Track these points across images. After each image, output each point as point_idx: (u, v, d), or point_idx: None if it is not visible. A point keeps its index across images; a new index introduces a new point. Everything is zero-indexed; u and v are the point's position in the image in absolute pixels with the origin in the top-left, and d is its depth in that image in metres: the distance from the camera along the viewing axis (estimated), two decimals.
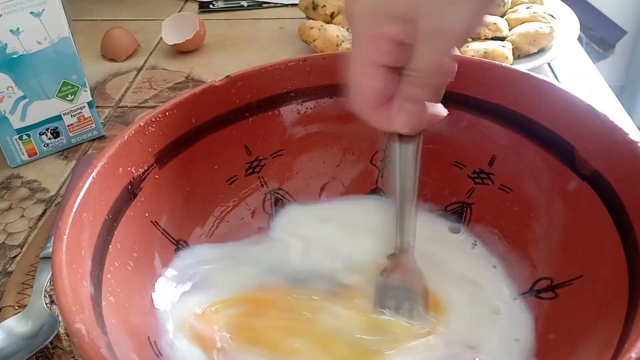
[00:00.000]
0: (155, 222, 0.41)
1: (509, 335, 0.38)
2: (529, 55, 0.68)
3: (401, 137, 0.35)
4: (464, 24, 0.29)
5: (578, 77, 0.71)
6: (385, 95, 0.33)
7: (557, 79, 0.70)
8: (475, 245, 0.44)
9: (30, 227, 0.53)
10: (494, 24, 0.68)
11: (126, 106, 0.70)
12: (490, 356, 0.36)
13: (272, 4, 0.92)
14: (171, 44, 0.78)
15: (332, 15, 0.76)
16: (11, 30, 0.54)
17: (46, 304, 0.44)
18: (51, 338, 0.41)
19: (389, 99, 0.33)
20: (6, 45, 0.55)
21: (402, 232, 0.38)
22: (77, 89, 0.61)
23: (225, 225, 0.45)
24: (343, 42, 0.70)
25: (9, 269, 0.49)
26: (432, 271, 0.40)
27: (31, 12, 0.55)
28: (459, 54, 0.62)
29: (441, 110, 0.35)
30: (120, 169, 0.39)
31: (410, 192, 0.36)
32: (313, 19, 0.76)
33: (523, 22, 0.70)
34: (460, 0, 0.29)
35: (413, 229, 0.38)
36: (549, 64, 0.72)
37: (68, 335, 0.42)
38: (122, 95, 0.72)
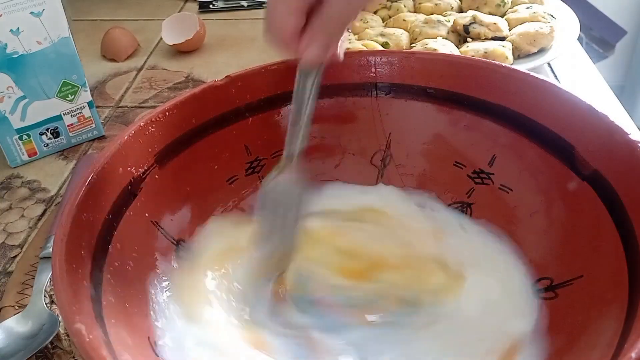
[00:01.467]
0: (155, 222, 0.41)
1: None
2: (529, 55, 0.68)
3: (303, 72, 0.40)
4: None
5: (578, 77, 0.71)
6: (298, 30, 0.37)
7: (557, 79, 0.70)
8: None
9: (30, 227, 0.53)
10: (494, 24, 0.68)
11: (126, 106, 0.70)
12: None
13: None
14: (171, 44, 0.78)
15: None
16: (11, 30, 0.54)
17: (46, 304, 0.44)
18: (51, 338, 0.41)
19: (299, 33, 0.38)
20: (6, 45, 0.55)
21: (289, 143, 0.41)
22: (77, 89, 0.61)
23: (226, 226, 0.45)
24: (343, 42, 0.70)
25: (9, 269, 0.49)
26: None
27: (31, 12, 0.55)
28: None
29: (340, 52, 0.42)
30: (120, 169, 0.39)
31: (301, 113, 0.41)
32: None
33: (523, 22, 0.70)
34: None
35: (300, 144, 0.41)
36: (549, 64, 0.72)
37: (68, 335, 0.42)
38: (122, 95, 0.72)
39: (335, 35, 0.39)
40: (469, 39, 0.69)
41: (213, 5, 0.93)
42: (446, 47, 0.66)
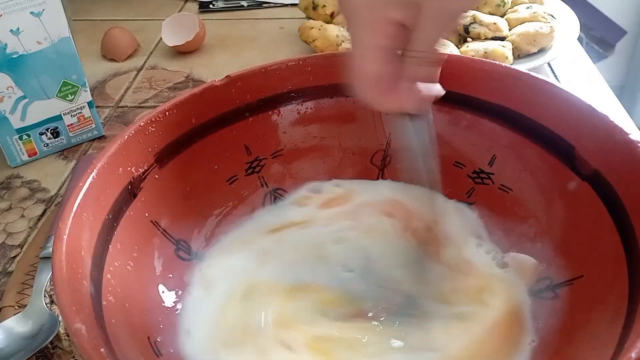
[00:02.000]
0: (155, 222, 0.41)
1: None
2: (529, 55, 0.68)
3: (412, 116, 0.36)
4: (464, 6, 0.33)
5: (578, 77, 0.71)
6: (393, 78, 0.34)
7: (557, 79, 0.70)
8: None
9: (30, 227, 0.53)
10: (494, 24, 0.68)
11: (126, 106, 0.70)
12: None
13: (272, 4, 0.92)
14: (171, 45, 0.78)
15: (332, 15, 0.76)
16: (11, 30, 0.54)
17: (46, 304, 0.44)
18: (51, 338, 0.41)
19: (395, 82, 0.34)
20: (6, 45, 0.55)
21: (434, 207, 0.39)
22: (77, 89, 0.61)
23: (226, 225, 0.45)
24: (343, 42, 0.70)
25: (9, 269, 0.49)
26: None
27: (31, 12, 0.55)
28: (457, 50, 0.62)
29: (440, 88, 0.37)
30: (120, 169, 0.39)
31: (432, 165, 0.37)
32: (313, 19, 0.76)
33: (523, 22, 0.70)
34: None
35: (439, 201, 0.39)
36: (549, 64, 0.72)
37: (68, 335, 0.42)
38: (122, 95, 0.72)
39: (429, 73, 0.35)
40: (469, 39, 0.69)
41: (213, 5, 0.93)
42: (446, 47, 0.66)
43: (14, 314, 0.43)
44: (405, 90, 0.34)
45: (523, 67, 0.59)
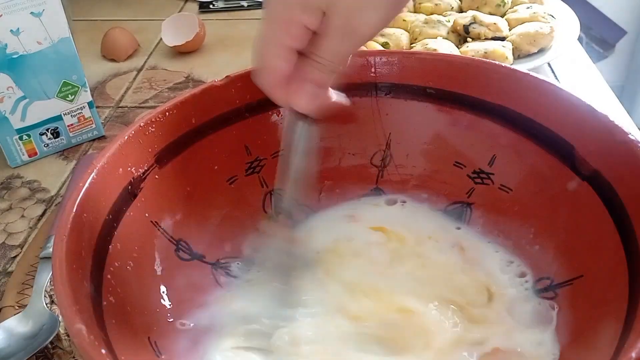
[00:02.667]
0: (155, 222, 0.41)
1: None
2: (529, 55, 0.68)
3: (299, 116, 0.38)
4: (372, 28, 0.33)
5: (578, 77, 0.71)
6: (289, 75, 0.35)
7: (557, 79, 0.70)
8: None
9: (30, 227, 0.53)
10: (494, 24, 0.68)
11: (126, 106, 0.70)
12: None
13: None
14: (171, 45, 0.78)
15: None
16: (11, 31, 0.54)
17: (46, 304, 0.44)
18: (51, 338, 0.41)
19: (290, 78, 0.35)
20: (6, 45, 0.55)
21: (276, 200, 0.40)
22: (77, 89, 0.61)
23: (226, 225, 0.45)
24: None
25: (9, 269, 0.49)
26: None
27: (31, 12, 0.55)
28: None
29: (344, 99, 0.39)
30: (120, 169, 0.39)
31: (298, 164, 0.38)
32: None
33: (523, 22, 0.70)
34: (370, 6, 0.32)
35: (294, 197, 0.40)
36: (549, 64, 0.72)
37: (68, 335, 0.42)
38: (122, 96, 0.72)
39: (326, 80, 0.36)
40: (469, 39, 0.69)
41: (213, 5, 0.93)
42: (446, 47, 0.66)
43: (14, 314, 0.43)
44: (297, 89, 0.36)
45: (523, 67, 0.59)
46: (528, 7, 0.73)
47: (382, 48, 0.67)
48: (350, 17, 0.32)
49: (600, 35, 1.71)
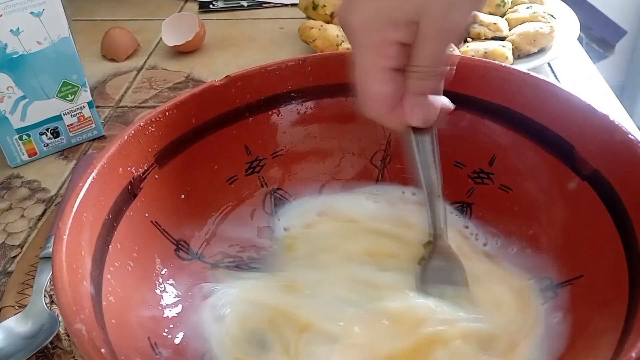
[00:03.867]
0: (155, 222, 0.41)
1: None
2: (529, 55, 0.68)
3: (416, 130, 0.37)
4: (464, 21, 0.33)
5: (578, 77, 0.71)
6: (398, 97, 0.34)
7: (557, 79, 0.70)
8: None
9: (30, 227, 0.53)
10: (494, 24, 0.68)
11: (126, 106, 0.70)
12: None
13: (272, 4, 0.92)
14: (171, 45, 0.78)
15: (332, 15, 0.76)
16: (11, 30, 0.54)
17: (46, 304, 0.44)
18: (51, 338, 0.41)
19: (398, 99, 0.35)
20: (6, 45, 0.55)
21: (434, 219, 0.39)
22: (77, 89, 0.61)
23: (226, 225, 0.45)
24: (343, 42, 0.70)
25: (9, 269, 0.49)
26: None
27: (31, 12, 0.55)
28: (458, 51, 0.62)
29: (448, 102, 0.38)
30: (120, 169, 0.39)
31: (434, 180, 0.38)
32: (313, 19, 0.76)
33: (523, 22, 0.70)
34: (460, 1, 0.32)
35: (444, 215, 0.39)
36: (549, 64, 0.72)
37: (68, 335, 0.42)
38: (122, 95, 0.72)
39: (438, 83, 0.35)
40: (469, 39, 0.69)
41: (213, 5, 0.93)
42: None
43: (14, 314, 0.43)
44: (410, 106, 0.35)
45: (523, 67, 0.59)
46: (528, 7, 0.73)
47: None
48: (445, 16, 0.32)
49: (600, 35, 1.71)
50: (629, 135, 0.36)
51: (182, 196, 0.43)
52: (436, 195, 0.38)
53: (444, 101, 0.37)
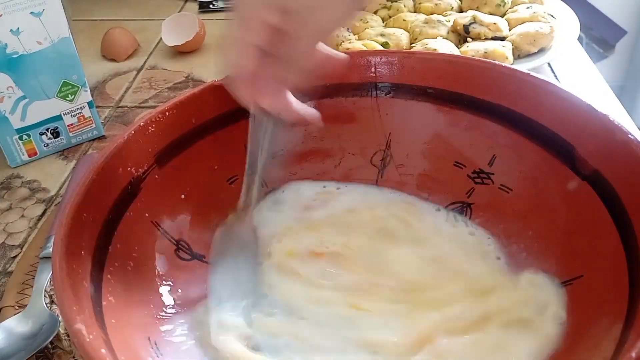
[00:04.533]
0: (155, 222, 0.41)
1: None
2: (529, 55, 0.68)
3: (265, 114, 0.39)
4: (330, 25, 0.35)
5: (578, 77, 0.71)
6: (255, 73, 0.36)
7: (557, 79, 0.70)
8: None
9: (30, 227, 0.53)
10: (494, 24, 0.68)
11: (126, 106, 0.70)
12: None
13: None
14: (171, 45, 0.78)
15: None
16: (11, 30, 0.54)
17: (46, 304, 0.44)
18: (51, 338, 0.41)
19: (256, 76, 0.36)
20: (6, 45, 0.55)
21: (246, 191, 0.41)
22: (77, 89, 0.61)
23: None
24: (343, 42, 0.70)
25: (9, 269, 0.49)
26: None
27: (31, 12, 0.55)
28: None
29: (315, 115, 0.41)
30: (120, 169, 0.39)
31: (256, 157, 0.40)
32: None
33: (523, 22, 0.70)
34: (328, 5, 0.33)
35: (256, 191, 0.41)
36: (549, 64, 0.72)
37: (68, 335, 0.42)
38: (122, 95, 0.72)
39: (290, 78, 0.37)
40: (469, 39, 0.69)
41: (213, 5, 0.93)
42: (446, 47, 0.66)
43: (14, 314, 0.43)
44: (264, 89, 0.37)
45: (523, 67, 0.59)
46: (528, 7, 0.73)
47: (382, 48, 0.67)
48: (308, 15, 0.33)
49: (600, 35, 1.71)
50: (629, 135, 0.36)
51: (182, 196, 0.43)
52: (255, 172, 0.40)
53: (310, 112, 0.40)
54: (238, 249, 0.42)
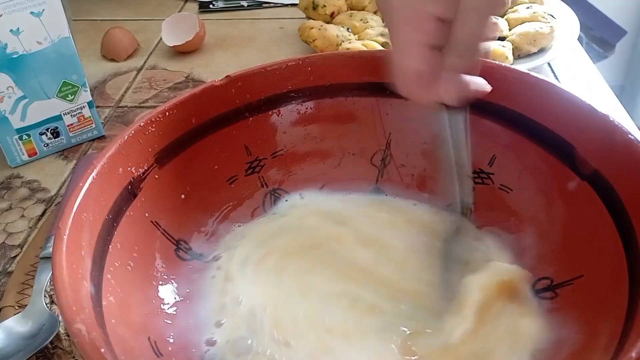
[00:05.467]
0: (155, 222, 0.41)
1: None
2: (529, 55, 0.68)
3: (449, 109, 0.37)
4: (493, 2, 0.33)
5: (578, 77, 0.71)
6: (433, 74, 0.35)
7: (557, 79, 0.70)
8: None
9: (30, 227, 0.53)
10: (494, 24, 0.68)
11: (126, 106, 0.70)
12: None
13: (272, 4, 0.92)
14: (171, 45, 0.78)
15: (332, 15, 0.76)
16: (11, 30, 0.54)
17: (46, 304, 0.44)
18: (51, 338, 0.41)
19: (432, 76, 0.35)
20: (6, 45, 0.55)
21: (462, 196, 0.39)
22: (77, 89, 0.61)
23: (226, 225, 0.45)
24: (343, 42, 0.70)
25: (9, 269, 0.49)
26: None
27: (31, 12, 0.55)
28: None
29: (484, 83, 0.38)
30: (120, 169, 0.39)
31: (464, 159, 0.38)
32: (313, 19, 0.76)
33: (523, 22, 0.70)
34: None
35: (472, 195, 0.40)
36: (549, 64, 0.72)
37: (68, 335, 0.42)
38: (122, 95, 0.72)
39: (468, 65, 0.35)
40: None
41: (213, 5, 0.93)
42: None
43: (14, 314, 0.43)
44: (446, 83, 0.35)
45: (523, 67, 0.59)
46: (528, 7, 0.73)
47: (382, 48, 0.67)
48: None
49: (600, 35, 1.71)
50: (629, 135, 0.36)
51: (182, 196, 0.43)
52: (466, 175, 0.38)
53: (480, 82, 0.37)
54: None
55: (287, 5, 0.91)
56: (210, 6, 0.93)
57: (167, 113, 0.42)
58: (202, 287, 0.42)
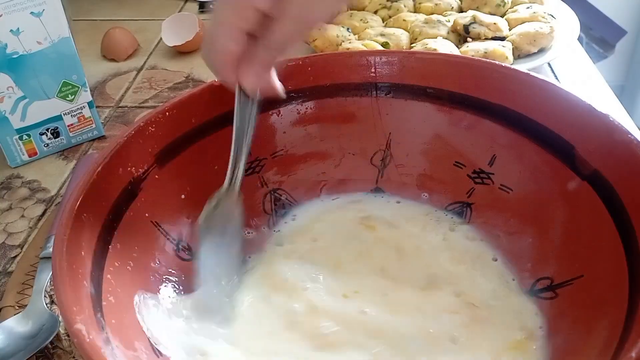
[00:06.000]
0: (155, 222, 0.41)
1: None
2: (529, 55, 0.68)
3: (246, 96, 0.40)
4: (322, 17, 0.36)
5: (578, 77, 0.71)
6: (239, 57, 0.37)
7: (557, 79, 0.70)
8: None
9: (30, 227, 0.53)
10: (494, 24, 0.68)
11: (126, 106, 0.70)
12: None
13: None
14: (171, 45, 0.78)
15: None
16: (11, 30, 0.54)
17: (46, 304, 0.44)
18: (51, 338, 0.41)
19: (239, 60, 0.37)
20: (6, 45, 0.55)
21: (234, 167, 0.41)
22: (77, 89, 0.61)
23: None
24: (343, 42, 0.70)
25: (9, 269, 0.49)
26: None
27: (31, 12, 0.55)
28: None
29: (281, 89, 0.41)
30: (120, 169, 0.39)
31: (242, 141, 0.40)
32: None
33: (523, 22, 0.70)
34: None
35: (242, 169, 0.41)
36: (549, 64, 0.72)
37: (68, 335, 0.42)
38: (122, 95, 0.72)
39: (272, 62, 0.38)
40: (469, 39, 0.69)
41: (213, 5, 0.93)
42: (446, 47, 0.66)
43: (14, 314, 0.43)
44: (247, 68, 0.37)
45: (523, 67, 0.59)
46: (528, 7, 0.73)
47: (382, 48, 0.67)
48: (305, 5, 0.35)
49: (600, 35, 1.71)
50: (629, 135, 0.36)
51: (182, 196, 0.43)
52: (240, 153, 0.40)
53: (279, 86, 0.41)
54: (222, 226, 0.42)
55: None
56: (210, 6, 0.93)
57: (167, 113, 0.42)
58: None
